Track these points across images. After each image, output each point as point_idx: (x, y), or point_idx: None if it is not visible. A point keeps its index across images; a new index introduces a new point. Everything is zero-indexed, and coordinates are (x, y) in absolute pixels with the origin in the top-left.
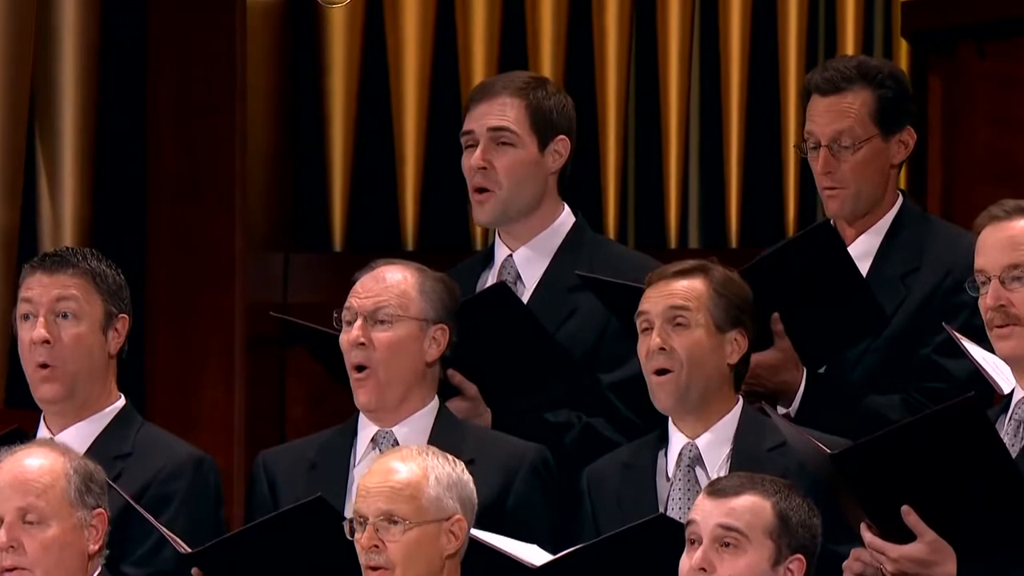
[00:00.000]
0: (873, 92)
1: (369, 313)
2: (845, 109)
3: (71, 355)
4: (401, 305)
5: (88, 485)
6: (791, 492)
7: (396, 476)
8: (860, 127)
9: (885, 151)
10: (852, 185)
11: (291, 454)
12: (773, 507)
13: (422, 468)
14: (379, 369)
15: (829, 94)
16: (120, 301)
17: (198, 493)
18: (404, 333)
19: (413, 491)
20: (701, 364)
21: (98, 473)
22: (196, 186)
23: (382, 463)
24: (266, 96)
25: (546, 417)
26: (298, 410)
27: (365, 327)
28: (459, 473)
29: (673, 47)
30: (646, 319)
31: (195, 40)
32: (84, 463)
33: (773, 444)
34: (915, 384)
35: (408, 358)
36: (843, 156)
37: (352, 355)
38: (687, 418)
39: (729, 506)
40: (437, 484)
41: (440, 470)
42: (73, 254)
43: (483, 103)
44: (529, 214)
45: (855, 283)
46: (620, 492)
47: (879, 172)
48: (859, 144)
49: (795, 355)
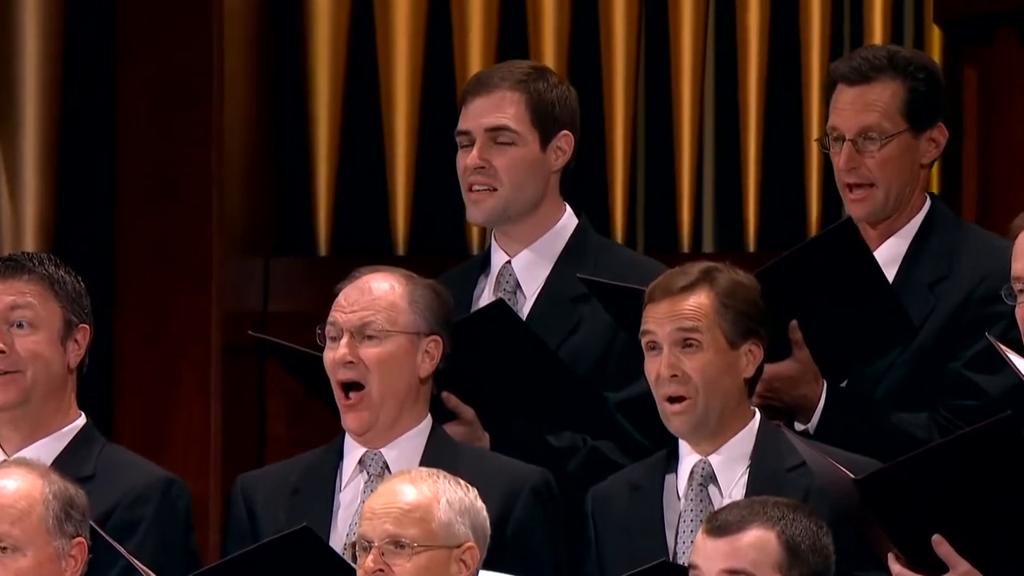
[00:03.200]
0: (904, 84)
1: (356, 329)
2: (873, 101)
3: (27, 366)
4: (390, 319)
5: (68, 512)
6: (796, 514)
7: (404, 498)
8: (888, 121)
9: (914, 148)
10: (878, 183)
11: (272, 478)
12: (778, 537)
13: (433, 491)
14: (371, 389)
15: (856, 84)
16: (80, 310)
17: (167, 518)
18: (395, 348)
19: (423, 514)
20: (717, 386)
21: (79, 498)
22: (169, 185)
23: (390, 484)
24: (245, 87)
25: (548, 441)
26: (280, 426)
27: (352, 344)
28: (472, 499)
29: (686, 34)
30: (652, 340)
31: (168, 27)
32: (64, 487)
33: (794, 463)
34: (944, 401)
35: (401, 375)
36: (869, 151)
37: (340, 374)
38: (702, 441)
39: (732, 546)
40: (449, 508)
41: (452, 494)
42: (29, 259)
43: (479, 98)
44: (529, 215)
45: (879, 287)
46: (626, 515)
47: (907, 171)
48: (887, 139)
49: (814, 367)
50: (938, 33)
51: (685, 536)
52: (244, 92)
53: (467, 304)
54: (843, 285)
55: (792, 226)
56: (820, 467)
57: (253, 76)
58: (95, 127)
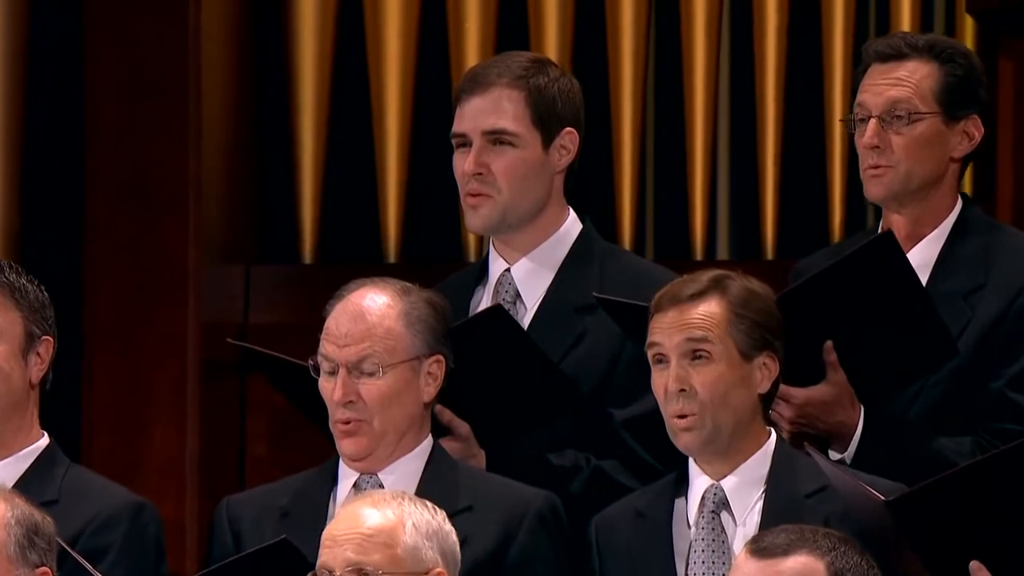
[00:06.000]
0: (940, 67)
1: (352, 364)
2: (904, 77)
3: None
4: (388, 349)
5: (32, 539)
6: (848, 548)
7: (367, 522)
8: (919, 99)
9: (945, 136)
10: (902, 163)
11: (259, 500)
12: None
13: (397, 514)
14: (373, 422)
15: (889, 60)
16: (43, 321)
17: (136, 545)
18: (396, 381)
19: (387, 539)
20: (728, 401)
21: (45, 525)
22: (141, 187)
23: (351, 509)
24: (224, 80)
25: (549, 459)
26: (261, 448)
27: (349, 381)
28: (439, 522)
29: (699, 24)
30: (659, 352)
31: (140, 15)
32: (29, 512)
33: (813, 488)
34: (986, 425)
35: (404, 406)
36: (895, 128)
37: (339, 413)
38: (714, 460)
39: (776, 569)
40: (415, 531)
41: (418, 516)
42: None
43: (475, 97)
44: (530, 221)
45: (920, 304)
46: (632, 544)
47: (935, 158)
48: (915, 117)
49: (851, 391)
50: (971, 23)
51: (697, 567)
52: (223, 86)
53: (463, 316)
54: (880, 302)
55: (813, 232)
56: (845, 487)
57: (232, 68)
58: (62, 124)
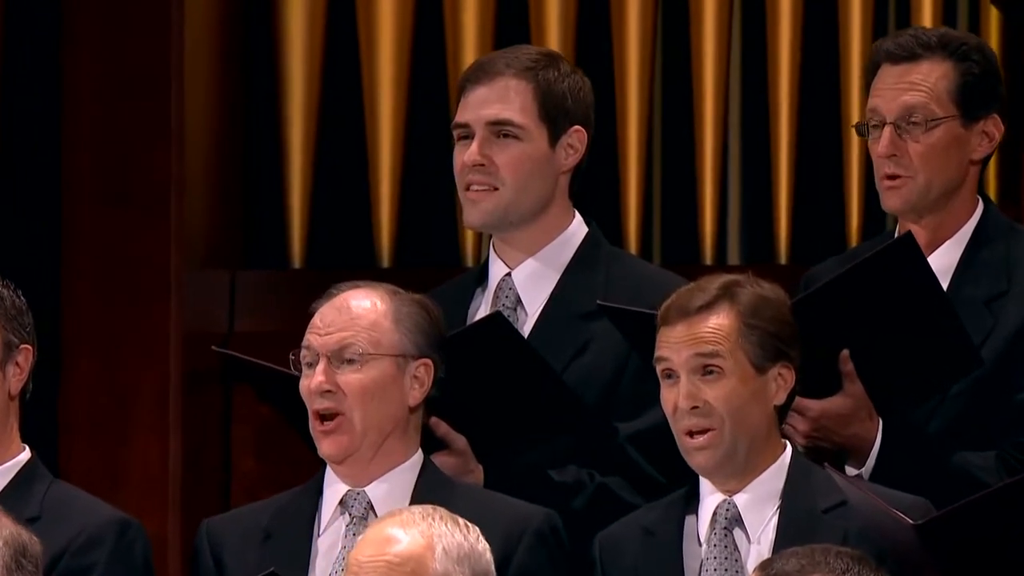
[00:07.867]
0: (956, 66)
1: (333, 352)
2: (919, 81)
3: None
4: (372, 340)
5: (19, 561)
6: (863, 568)
7: (394, 548)
8: (936, 103)
9: (964, 139)
10: (920, 173)
11: (242, 522)
12: None
13: (427, 537)
14: (352, 417)
15: (901, 62)
16: (21, 329)
17: (122, 564)
18: (378, 374)
19: (415, 566)
20: (743, 417)
21: (32, 546)
22: (122, 188)
23: (377, 531)
24: (208, 77)
25: (550, 476)
26: (247, 461)
27: (330, 370)
28: (472, 542)
29: (709, 18)
30: (668, 367)
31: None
32: (17, 532)
33: (831, 503)
34: (1011, 439)
35: (386, 403)
36: (912, 136)
37: (316, 403)
38: (729, 479)
39: None
40: (445, 557)
41: (449, 539)
42: None
43: (480, 87)
44: (532, 221)
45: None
46: (639, 563)
47: (954, 164)
48: (932, 123)
49: (869, 402)
50: (996, 16)
51: None
52: (207, 82)
53: (461, 323)
54: (899, 309)
55: (829, 235)
56: (867, 508)
57: (218, 63)
58: (38, 121)
